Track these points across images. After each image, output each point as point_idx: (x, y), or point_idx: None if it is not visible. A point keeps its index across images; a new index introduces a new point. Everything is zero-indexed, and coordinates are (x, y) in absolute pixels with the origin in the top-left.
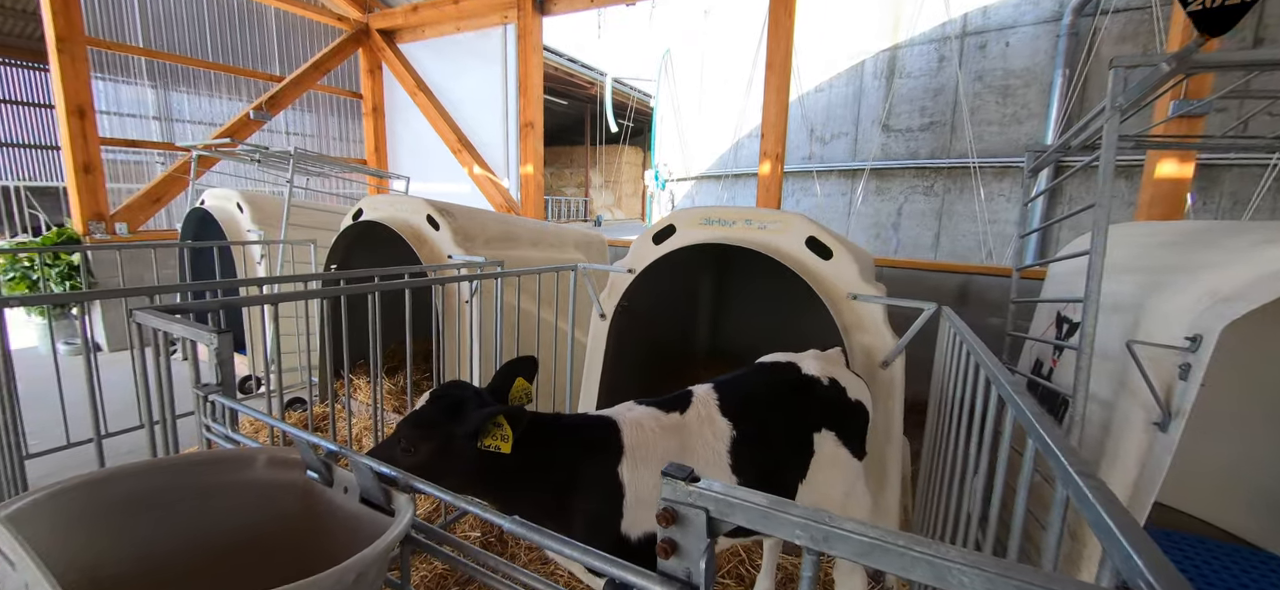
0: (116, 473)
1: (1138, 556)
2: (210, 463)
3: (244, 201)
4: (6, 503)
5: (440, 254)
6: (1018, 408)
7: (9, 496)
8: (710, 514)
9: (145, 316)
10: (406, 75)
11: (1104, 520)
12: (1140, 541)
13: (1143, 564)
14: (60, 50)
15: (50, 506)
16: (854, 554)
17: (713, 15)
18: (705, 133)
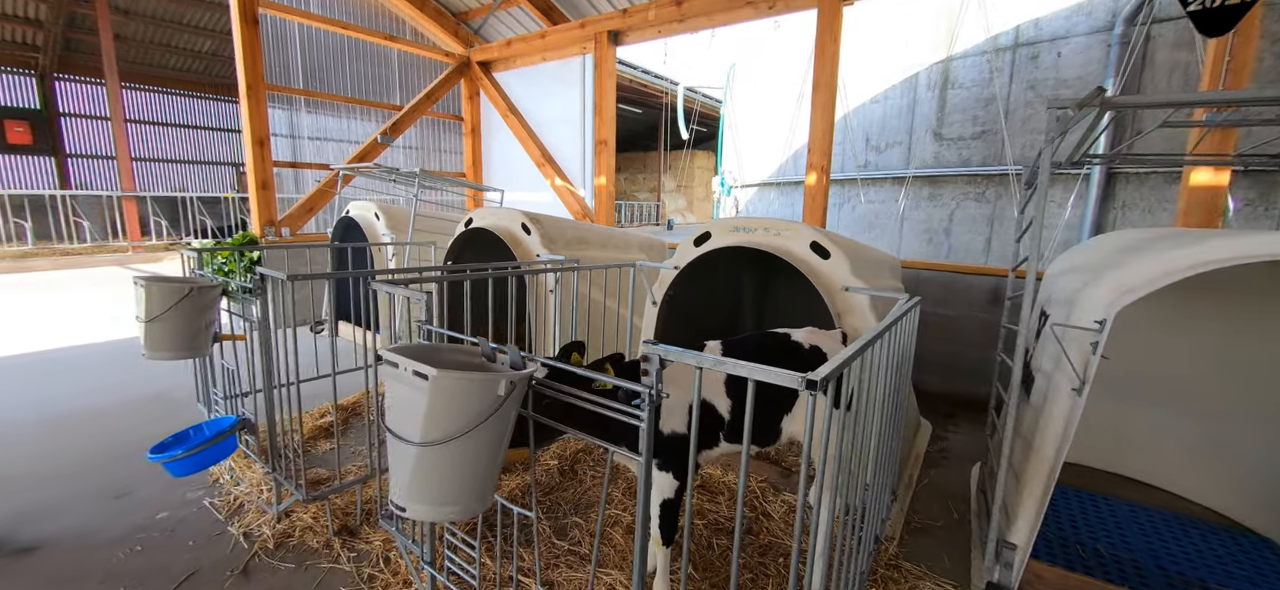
0: (442, 347)
1: None
2: (464, 350)
3: (380, 210)
4: (389, 348)
5: (531, 254)
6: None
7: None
8: (661, 357)
9: (381, 286)
10: (499, 100)
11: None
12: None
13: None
14: (249, 94)
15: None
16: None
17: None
18: (766, 142)
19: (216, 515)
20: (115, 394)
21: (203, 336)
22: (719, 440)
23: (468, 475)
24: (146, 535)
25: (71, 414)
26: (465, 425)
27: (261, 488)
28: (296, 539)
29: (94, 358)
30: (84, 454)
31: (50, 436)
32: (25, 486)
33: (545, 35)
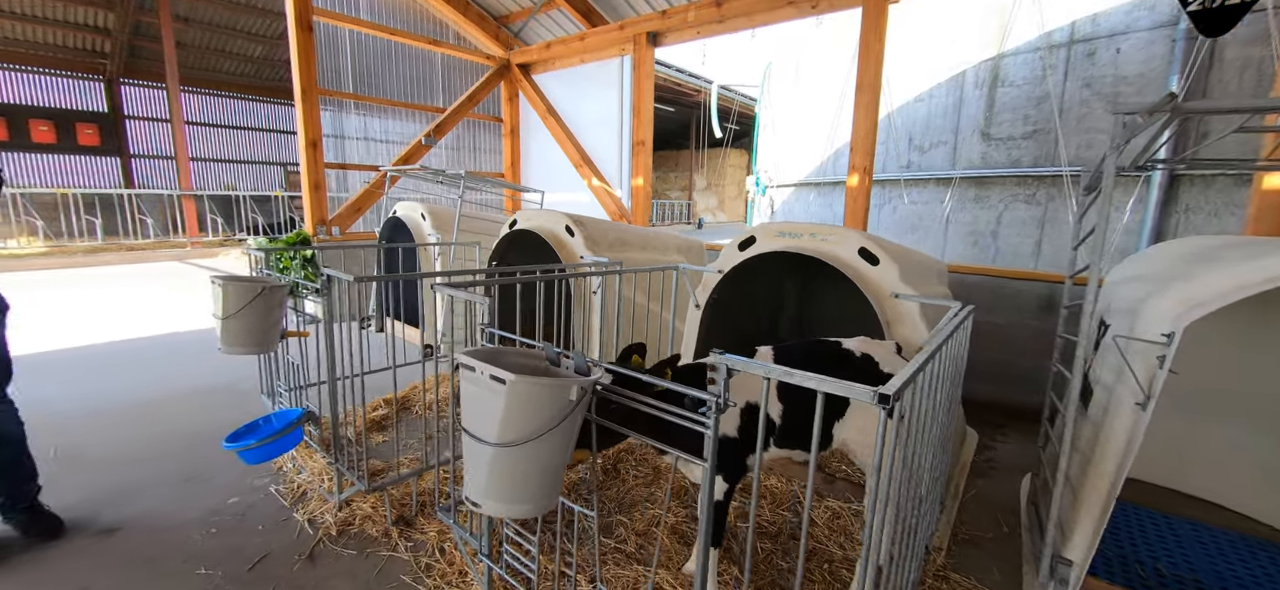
0: (509, 350)
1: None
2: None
3: (426, 211)
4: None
5: (574, 255)
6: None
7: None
8: (729, 366)
9: (443, 288)
10: (538, 102)
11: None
12: None
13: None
14: (303, 99)
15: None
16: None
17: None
18: (804, 142)
19: (282, 502)
20: (184, 383)
21: (272, 333)
22: (769, 444)
23: (539, 475)
24: (219, 518)
25: (146, 402)
26: (539, 428)
27: (322, 477)
28: (356, 527)
29: (162, 349)
30: (159, 440)
31: (128, 423)
32: (107, 470)
33: (584, 38)
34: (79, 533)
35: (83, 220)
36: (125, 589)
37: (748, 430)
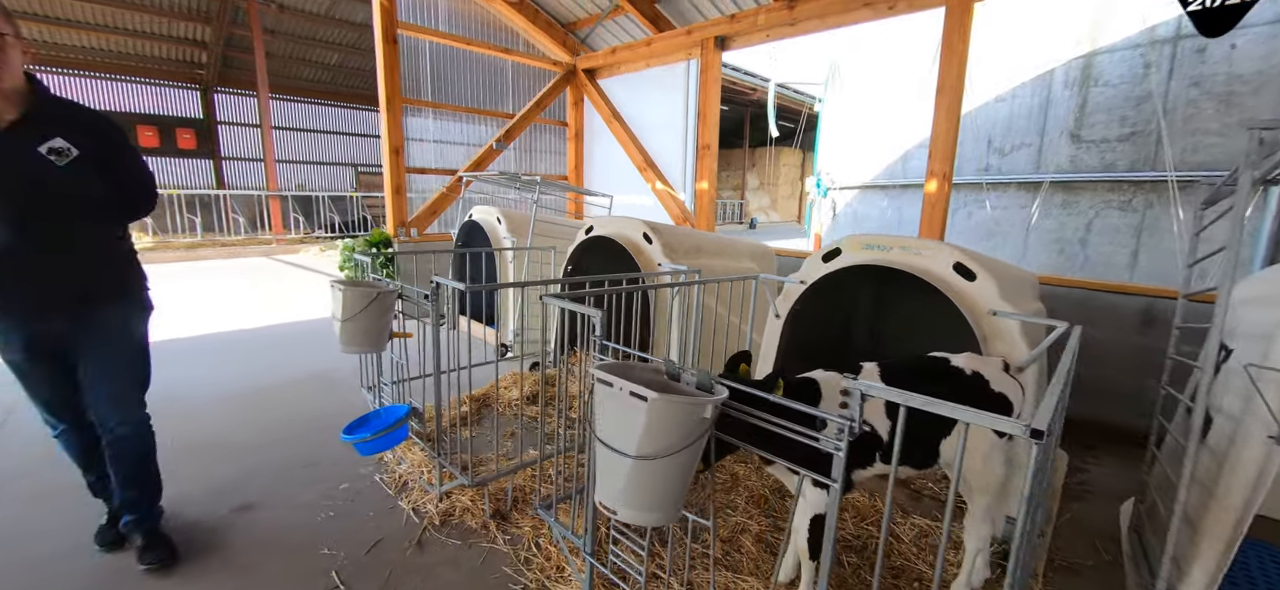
0: (630, 365)
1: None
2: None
3: (501, 215)
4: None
5: (652, 262)
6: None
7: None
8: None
9: (550, 299)
10: (603, 106)
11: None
12: None
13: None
14: (388, 108)
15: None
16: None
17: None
18: (872, 142)
19: (387, 491)
20: (285, 373)
21: (384, 335)
22: (875, 460)
23: (671, 486)
24: (333, 502)
25: (256, 389)
26: (676, 444)
27: (422, 469)
28: (457, 518)
29: (263, 339)
30: (271, 426)
31: (243, 409)
32: (235, 453)
33: (650, 43)
34: (218, 505)
35: (184, 217)
36: (265, 561)
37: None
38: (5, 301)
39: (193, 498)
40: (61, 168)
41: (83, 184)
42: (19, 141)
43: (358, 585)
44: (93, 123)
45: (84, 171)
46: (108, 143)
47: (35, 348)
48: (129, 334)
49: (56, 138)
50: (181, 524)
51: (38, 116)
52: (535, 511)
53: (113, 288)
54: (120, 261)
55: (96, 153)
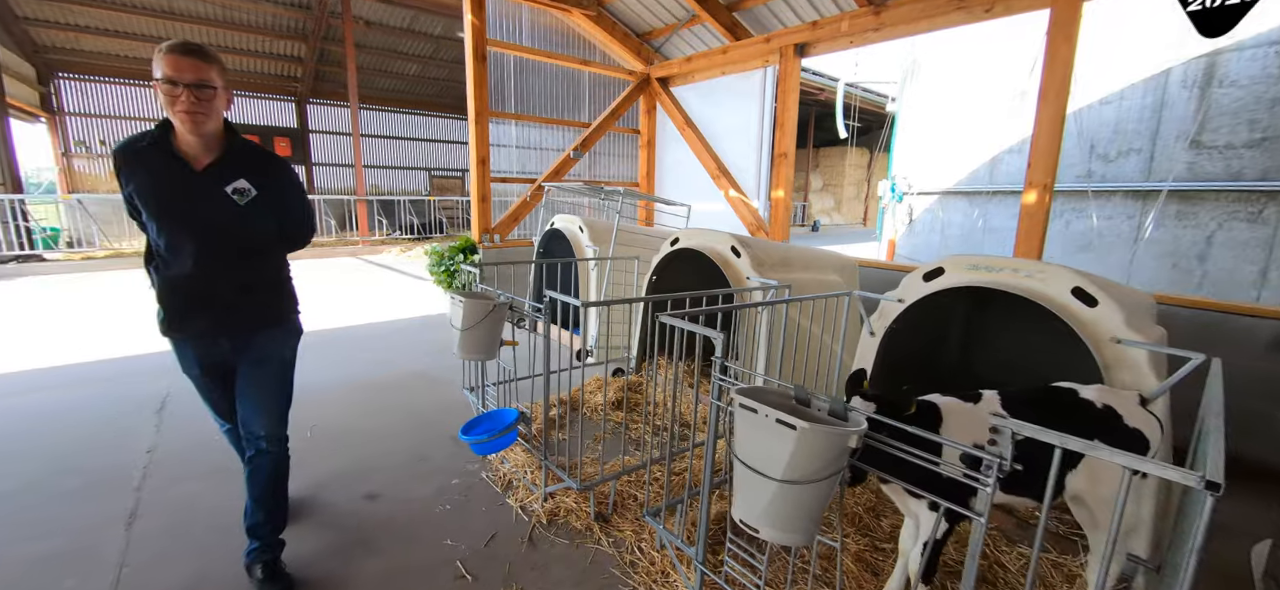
0: (769, 390)
1: None
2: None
3: (584, 224)
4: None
5: (741, 276)
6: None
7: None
8: (1012, 432)
9: (667, 317)
10: (676, 113)
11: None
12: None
13: None
14: (476, 121)
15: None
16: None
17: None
18: (955, 145)
19: (494, 488)
20: (389, 369)
21: (496, 343)
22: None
23: (812, 508)
24: (447, 497)
25: (367, 384)
26: (822, 471)
27: (525, 469)
28: (562, 519)
29: (365, 336)
30: (385, 419)
31: (358, 403)
32: (357, 442)
33: (727, 50)
34: (350, 493)
35: None
36: (397, 548)
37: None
38: (184, 325)
39: (328, 484)
40: (242, 206)
41: (257, 221)
42: (211, 181)
43: (482, 575)
44: (271, 165)
45: (259, 210)
46: (281, 184)
47: (206, 366)
48: (282, 357)
49: (241, 179)
50: (322, 507)
51: (228, 158)
52: (645, 517)
53: (275, 314)
54: (282, 290)
55: (271, 193)
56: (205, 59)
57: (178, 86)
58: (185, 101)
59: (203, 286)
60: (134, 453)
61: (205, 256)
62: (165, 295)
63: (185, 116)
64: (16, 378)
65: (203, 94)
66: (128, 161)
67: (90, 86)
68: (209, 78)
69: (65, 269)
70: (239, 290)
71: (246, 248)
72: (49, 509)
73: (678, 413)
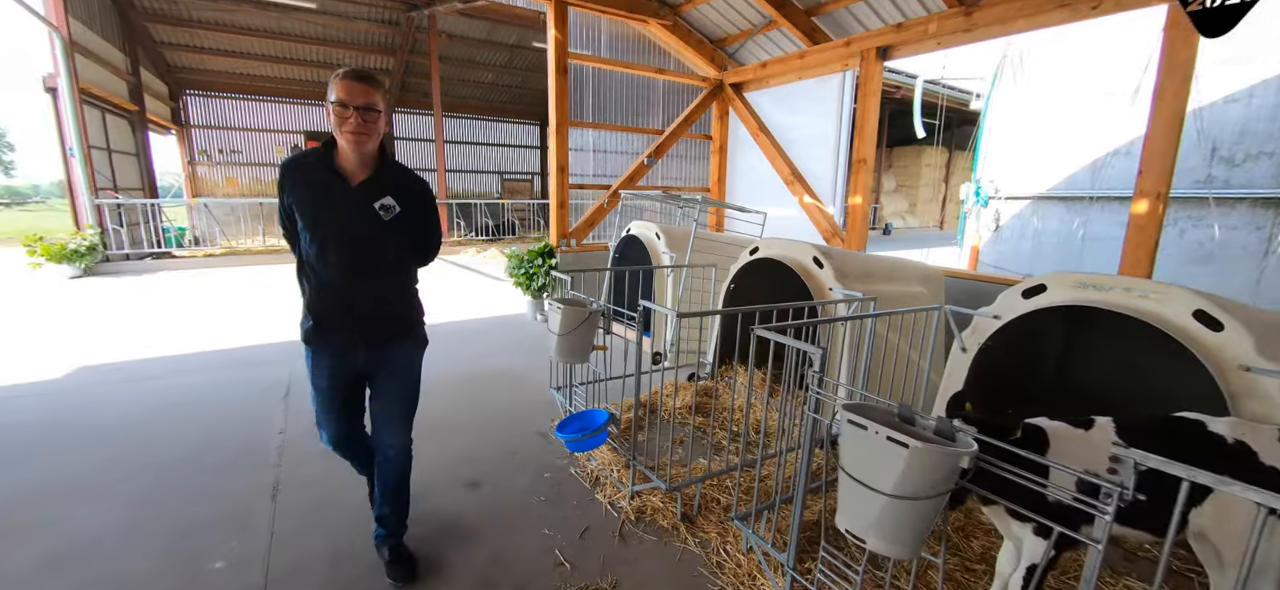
0: (870, 406)
1: None
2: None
3: (661, 231)
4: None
5: (823, 287)
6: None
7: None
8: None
9: (764, 331)
10: (750, 119)
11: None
12: None
13: None
14: (557, 131)
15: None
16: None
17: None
18: (1053, 146)
19: (583, 484)
20: (477, 366)
21: (589, 347)
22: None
23: (919, 524)
24: (541, 489)
25: (460, 379)
26: (932, 488)
27: (611, 467)
28: (649, 517)
29: (453, 335)
30: (479, 413)
31: (457, 396)
32: (456, 434)
33: (805, 55)
34: (454, 481)
35: None
36: (499, 536)
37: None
38: (324, 334)
39: (436, 473)
40: (386, 221)
41: (398, 237)
42: (363, 197)
43: (579, 565)
44: (413, 185)
45: (400, 226)
46: (421, 203)
47: (338, 375)
48: (412, 367)
49: (387, 196)
50: (431, 493)
51: (379, 176)
52: (731, 521)
53: (406, 325)
54: (413, 302)
55: (412, 211)
56: (373, 85)
57: (348, 109)
58: (353, 123)
59: (346, 296)
60: (268, 433)
61: (350, 267)
62: (313, 303)
63: (351, 136)
64: (164, 361)
65: (368, 117)
66: (292, 176)
67: (211, 101)
68: (375, 102)
69: (190, 265)
70: (378, 301)
71: (387, 261)
72: (205, 479)
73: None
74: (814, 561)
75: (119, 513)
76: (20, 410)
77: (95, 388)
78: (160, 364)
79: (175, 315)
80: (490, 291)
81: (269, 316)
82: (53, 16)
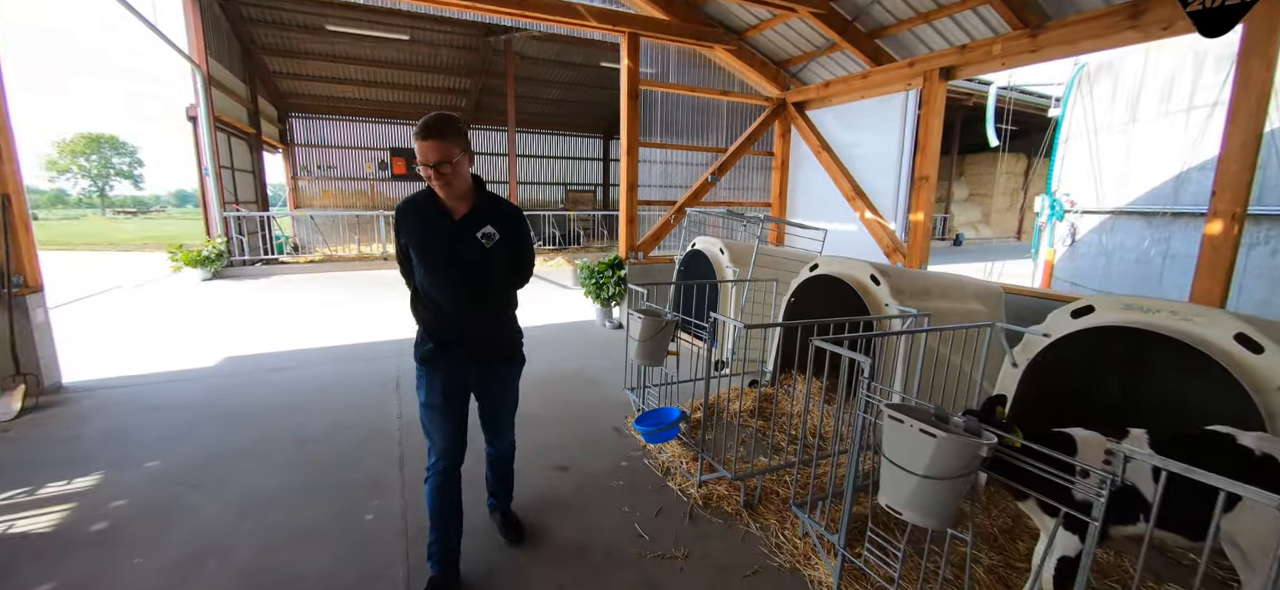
0: (910, 406)
1: None
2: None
3: (724, 246)
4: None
5: (880, 303)
6: None
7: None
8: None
9: (821, 341)
10: (812, 137)
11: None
12: None
13: None
14: (628, 153)
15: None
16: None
17: None
18: (1132, 160)
19: (655, 473)
20: (553, 367)
21: (664, 352)
22: (1137, 520)
23: (947, 500)
24: (619, 476)
25: (542, 378)
26: (955, 471)
27: (680, 460)
28: (715, 504)
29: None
30: (559, 408)
31: (540, 392)
32: (544, 425)
33: (867, 75)
34: (545, 464)
35: None
36: (588, 509)
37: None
38: (441, 353)
39: (531, 458)
40: (488, 249)
41: (498, 262)
42: (466, 228)
43: (655, 538)
44: (509, 214)
45: (499, 252)
46: (516, 231)
47: (449, 391)
48: (513, 381)
49: (487, 225)
50: (528, 473)
51: (478, 208)
52: (790, 508)
53: (509, 345)
54: (514, 323)
55: (509, 238)
56: (444, 139)
57: (429, 169)
58: (436, 180)
59: (457, 319)
60: (388, 416)
61: (460, 292)
62: (428, 328)
63: (437, 186)
64: (293, 354)
65: (444, 169)
66: (405, 217)
67: (312, 122)
68: (450, 156)
69: (295, 270)
70: (484, 322)
71: (490, 285)
72: (345, 451)
73: (814, 425)
74: (861, 547)
75: (282, 475)
76: (186, 392)
77: (242, 375)
78: (290, 357)
79: (293, 314)
80: (560, 299)
81: (369, 317)
82: (196, 55)
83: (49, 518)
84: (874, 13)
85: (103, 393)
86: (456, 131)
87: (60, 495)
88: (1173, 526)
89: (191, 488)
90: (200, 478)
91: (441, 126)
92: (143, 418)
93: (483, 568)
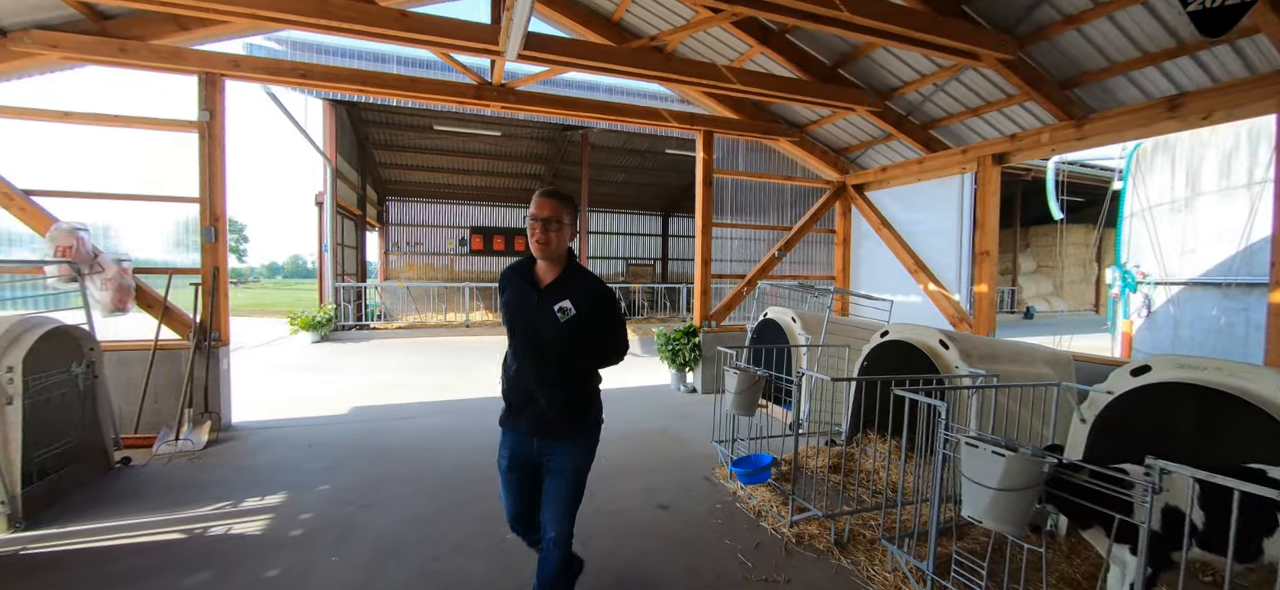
0: (982, 436)
1: None
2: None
3: (796, 316)
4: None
5: (949, 365)
6: None
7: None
8: (1161, 468)
9: (903, 391)
10: (872, 215)
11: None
12: None
13: None
14: (703, 233)
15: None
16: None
17: None
18: (1197, 235)
19: (748, 515)
20: (638, 426)
21: (754, 405)
22: (1191, 545)
23: (1017, 510)
24: (716, 516)
25: (628, 436)
26: (1023, 484)
27: (770, 504)
28: (806, 541)
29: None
30: (651, 460)
31: (631, 447)
32: (640, 475)
33: (923, 161)
34: (646, 503)
35: None
36: (693, 540)
37: (1171, 526)
38: (512, 418)
39: (633, 497)
40: (562, 323)
41: (573, 337)
42: (547, 299)
43: (757, 566)
44: (593, 289)
45: (576, 327)
46: (599, 307)
47: (515, 460)
48: (577, 468)
49: (566, 300)
50: (633, 510)
51: (562, 281)
52: (881, 541)
53: (578, 426)
54: (588, 403)
55: (587, 313)
56: (558, 201)
57: (536, 221)
58: (538, 232)
59: (526, 388)
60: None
61: (532, 362)
62: (505, 391)
63: (537, 243)
64: (410, 406)
65: (550, 226)
66: (506, 279)
67: (404, 204)
68: (558, 216)
69: (388, 335)
70: (552, 396)
71: (561, 359)
72: (472, 487)
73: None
74: (946, 579)
75: (429, 501)
76: (331, 433)
77: (372, 421)
78: (407, 408)
79: (396, 373)
80: (631, 365)
81: (462, 376)
82: (328, 151)
83: (255, 524)
84: (927, 109)
85: (263, 432)
86: (569, 202)
87: (258, 509)
88: (1220, 550)
89: (361, 507)
90: (367, 499)
91: (560, 192)
92: (302, 453)
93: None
